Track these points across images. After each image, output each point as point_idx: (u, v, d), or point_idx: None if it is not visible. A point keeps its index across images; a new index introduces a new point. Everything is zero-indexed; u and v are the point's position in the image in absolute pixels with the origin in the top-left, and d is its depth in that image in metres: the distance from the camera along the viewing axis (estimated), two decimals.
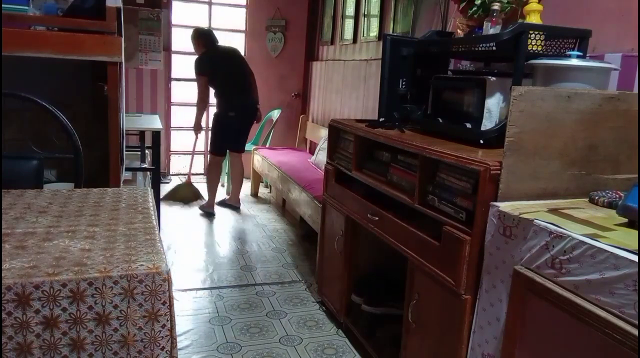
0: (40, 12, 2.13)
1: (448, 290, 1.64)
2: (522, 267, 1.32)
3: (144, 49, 5.29)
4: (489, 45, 1.81)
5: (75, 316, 0.99)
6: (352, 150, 2.37)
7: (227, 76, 4.27)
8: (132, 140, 4.39)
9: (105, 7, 2.01)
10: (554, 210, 1.38)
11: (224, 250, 3.73)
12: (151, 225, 1.31)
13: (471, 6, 2.12)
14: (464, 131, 1.89)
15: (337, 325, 2.66)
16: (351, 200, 2.38)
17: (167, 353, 1.07)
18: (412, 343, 1.91)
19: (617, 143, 1.58)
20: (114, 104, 2.08)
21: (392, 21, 3.82)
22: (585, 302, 1.13)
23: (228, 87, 4.30)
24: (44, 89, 2.04)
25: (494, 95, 1.80)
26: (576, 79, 1.66)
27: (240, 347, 2.43)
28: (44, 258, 1.06)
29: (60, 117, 1.90)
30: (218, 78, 4.28)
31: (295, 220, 4.45)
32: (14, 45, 1.89)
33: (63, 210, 1.41)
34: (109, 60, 2.03)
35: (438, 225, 1.69)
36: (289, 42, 5.81)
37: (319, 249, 2.84)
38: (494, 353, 1.46)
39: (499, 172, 1.47)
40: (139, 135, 4.21)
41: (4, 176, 1.70)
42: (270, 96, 5.87)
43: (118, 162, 2.17)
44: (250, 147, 5.43)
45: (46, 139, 2.28)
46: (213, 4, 5.81)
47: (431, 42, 2.27)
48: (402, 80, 2.29)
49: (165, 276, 1.05)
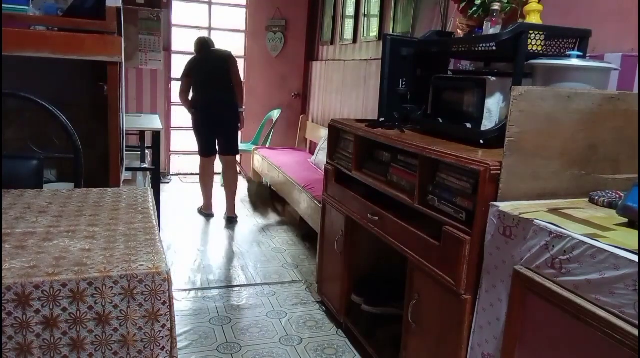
0: (40, 12, 2.13)
1: (448, 290, 1.64)
2: (522, 267, 1.32)
3: (144, 49, 5.30)
4: (489, 45, 1.81)
5: (75, 316, 0.99)
6: (352, 150, 2.37)
7: (198, 75, 4.28)
8: (132, 140, 4.39)
9: (105, 7, 2.01)
10: (554, 210, 1.38)
11: (224, 250, 3.73)
12: (151, 225, 1.31)
13: (471, 6, 2.12)
14: (464, 131, 1.89)
15: (337, 325, 2.66)
16: (351, 200, 2.38)
17: (167, 353, 1.07)
18: (412, 343, 1.91)
19: (617, 143, 1.58)
20: (114, 104, 2.08)
21: (392, 21, 3.82)
22: (585, 302, 1.13)
23: (197, 85, 4.31)
24: (44, 89, 2.04)
25: (494, 95, 1.80)
26: (576, 79, 1.66)
27: (240, 347, 2.43)
28: (44, 258, 1.06)
29: (60, 117, 1.90)
30: (193, 77, 4.31)
31: (295, 220, 4.45)
32: (14, 45, 1.89)
33: (63, 210, 1.41)
34: (109, 60, 2.03)
35: (438, 225, 1.69)
36: (289, 42, 5.81)
37: (319, 249, 2.84)
38: (494, 353, 1.46)
39: (499, 172, 1.47)
40: (139, 135, 4.21)
41: (4, 176, 1.70)
42: (271, 96, 5.88)
43: (118, 162, 2.17)
44: (250, 147, 5.42)
45: (46, 139, 2.28)
46: (213, 4, 5.81)
47: (431, 42, 2.27)
48: (402, 80, 2.29)
49: (165, 276, 1.05)
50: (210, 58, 4.30)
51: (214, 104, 4.26)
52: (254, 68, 5.86)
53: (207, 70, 4.25)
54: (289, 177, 4.16)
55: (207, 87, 4.25)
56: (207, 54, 4.32)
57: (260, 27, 5.79)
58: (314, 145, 5.24)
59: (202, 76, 4.25)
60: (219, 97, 4.26)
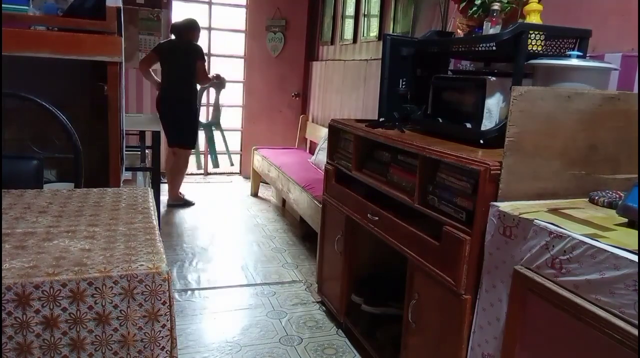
0: (40, 12, 2.13)
1: (448, 290, 1.64)
2: (522, 267, 1.32)
3: (144, 49, 5.29)
4: (489, 45, 1.81)
5: (75, 316, 0.99)
6: (352, 150, 2.37)
7: (165, 62, 4.54)
8: (132, 140, 4.39)
9: (105, 7, 2.01)
10: (554, 210, 1.38)
11: (224, 250, 3.73)
12: (151, 225, 1.31)
13: (471, 6, 2.12)
14: (464, 131, 1.89)
15: (337, 325, 2.66)
16: (351, 200, 2.38)
17: (167, 353, 1.07)
18: (412, 343, 1.91)
19: (617, 143, 1.58)
20: (114, 104, 2.08)
21: (392, 21, 3.82)
22: (585, 302, 1.13)
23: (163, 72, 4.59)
24: (44, 89, 2.04)
25: (494, 95, 1.80)
26: (576, 79, 1.66)
27: (240, 347, 2.43)
28: (44, 258, 1.06)
29: (60, 117, 1.90)
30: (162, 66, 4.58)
31: (295, 220, 4.45)
32: (14, 45, 1.89)
33: (63, 210, 1.41)
34: (109, 60, 2.03)
35: (438, 225, 1.69)
36: (289, 42, 5.81)
37: (319, 249, 2.84)
38: (494, 353, 1.46)
39: (499, 172, 1.47)
40: (139, 135, 4.21)
41: (4, 176, 1.70)
42: (270, 96, 5.88)
43: (118, 162, 2.17)
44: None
45: (46, 139, 2.28)
46: (213, 4, 5.81)
47: (431, 42, 2.27)
48: (402, 80, 2.29)
49: (165, 276, 1.05)
50: (174, 47, 4.49)
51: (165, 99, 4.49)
52: (254, 68, 5.86)
53: (170, 62, 4.46)
54: (289, 177, 4.16)
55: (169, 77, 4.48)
56: (173, 43, 4.51)
57: (260, 27, 5.79)
58: (314, 145, 5.24)
59: (167, 65, 4.50)
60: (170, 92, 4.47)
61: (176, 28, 4.54)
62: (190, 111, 4.53)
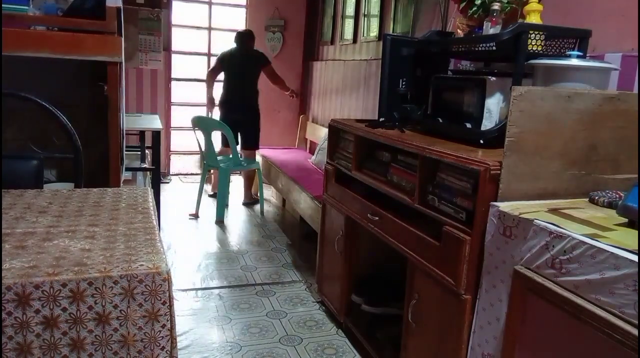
0: (40, 12, 2.13)
1: (448, 290, 1.64)
2: (522, 267, 1.32)
3: (144, 49, 5.29)
4: (489, 45, 1.81)
5: (75, 316, 0.99)
6: (352, 150, 2.37)
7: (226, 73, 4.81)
8: (132, 140, 4.39)
9: (105, 7, 2.01)
10: (554, 210, 1.38)
11: (223, 250, 3.73)
12: (151, 225, 1.31)
13: (471, 6, 2.12)
14: (464, 131, 1.89)
15: (337, 325, 2.66)
16: (351, 200, 2.38)
17: (167, 353, 1.07)
18: (412, 343, 1.91)
19: (617, 143, 1.58)
20: (114, 104, 2.08)
21: (392, 21, 3.82)
22: (585, 302, 1.13)
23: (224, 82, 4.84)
24: (44, 89, 2.04)
25: (494, 95, 1.80)
26: (576, 79, 1.66)
27: (240, 347, 2.43)
28: (44, 258, 1.06)
29: (60, 117, 1.90)
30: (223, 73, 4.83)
31: (295, 220, 4.45)
32: (14, 45, 1.89)
33: (63, 210, 1.41)
34: (109, 60, 2.03)
35: (438, 225, 1.69)
36: (288, 42, 5.82)
37: (319, 249, 2.84)
38: (494, 353, 1.46)
39: (499, 172, 1.47)
40: (139, 135, 4.21)
41: (4, 176, 1.70)
42: (270, 96, 5.87)
43: (118, 162, 2.17)
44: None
45: (46, 139, 2.28)
46: (213, 4, 5.81)
47: (431, 42, 2.27)
48: (402, 80, 2.29)
49: (165, 276, 1.05)
50: (236, 55, 4.72)
51: (228, 102, 4.75)
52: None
53: (233, 70, 4.71)
54: (289, 177, 4.16)
55: (230, 84, 4.73)
56: (235, 51, 4.75)
57: (259, 27, 5.78)
58: (314, 145, 5.23)
59: (228, 74, 4.74)
60: (236, 98, 4.72)
61: (239, 37, 4.76)
62: (258, 116, 4.85)
